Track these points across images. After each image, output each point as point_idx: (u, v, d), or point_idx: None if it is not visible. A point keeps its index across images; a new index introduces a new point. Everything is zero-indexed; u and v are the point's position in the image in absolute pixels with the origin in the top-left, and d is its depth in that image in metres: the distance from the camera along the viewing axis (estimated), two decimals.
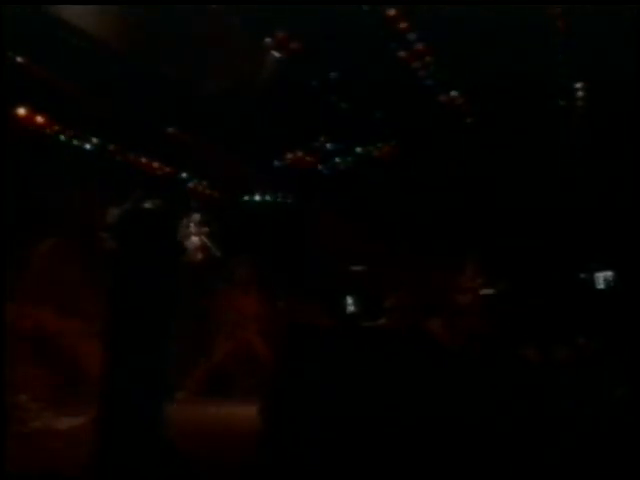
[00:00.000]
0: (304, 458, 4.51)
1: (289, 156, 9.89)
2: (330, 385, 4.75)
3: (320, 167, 10.19)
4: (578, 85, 8.34)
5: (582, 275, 9.22)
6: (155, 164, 9.04)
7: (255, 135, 8.74)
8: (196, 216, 8.22)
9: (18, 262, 7.74)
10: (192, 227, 8.14)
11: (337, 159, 10.14)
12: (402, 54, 7.57)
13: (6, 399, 5.35)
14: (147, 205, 5.78)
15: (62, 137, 7.97)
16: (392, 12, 6.90)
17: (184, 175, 9.46)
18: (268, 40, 7.48)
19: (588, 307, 8.28)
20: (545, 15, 6.78)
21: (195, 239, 8.13)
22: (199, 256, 8.15)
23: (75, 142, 8.11)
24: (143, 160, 8.92)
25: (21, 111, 7.43)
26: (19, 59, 6.94)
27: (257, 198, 10.41)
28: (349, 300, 9.53)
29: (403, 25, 7.09)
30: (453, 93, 8.54)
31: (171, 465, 4.17)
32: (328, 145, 9.87)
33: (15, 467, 4.18)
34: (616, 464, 4.28)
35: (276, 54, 7.64)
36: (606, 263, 9.06)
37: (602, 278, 9.19)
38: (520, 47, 7.07)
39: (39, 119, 7.62)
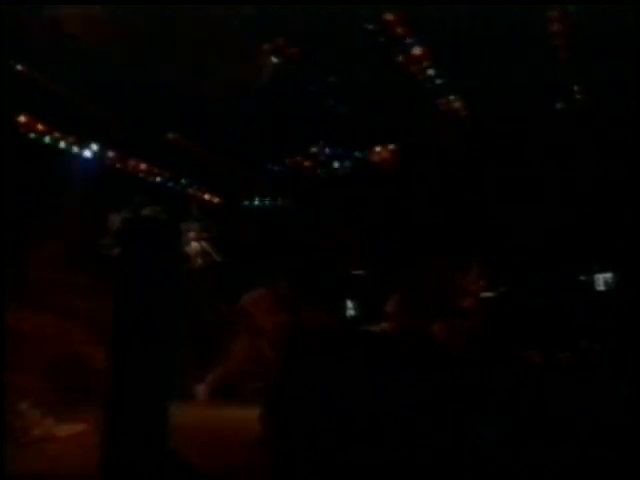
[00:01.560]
0: (306, 462, 4.50)
1: (288, 161, 9.91)
2: (332, 389, 4.75)
3: (319, 171, 10.21)
4: (577, 88, 8.35)
5: (582, 277, 9.21)
6: (155, 170, 9.05)
7: (254, 140, 8.75)
8: (196, 222, 8.22)
9: (19, 266, 7.75)
10: (192, 233, 8.14)
11: (336, 163, 10.16)
12: (400, 59, 7.58)
13: (6, 405, 5.35)
14: (147, 211, 5.79)
15: (62, 143, 7.98)
16: (390, 17, 6.92)
17: (184, 180, 9.46)
18: (267, 45, 7.49)
19: (589, 309, 8.27)
20: (544, 18, 6.79)
21: (195, 244, 8.14)
22: (199, 261, 8.15)
23: (75, 148, 8.12)
24: (143, 166, 8.93)
25: (22, 118, 7.45)
26: (19, 67, 6.96)
27: (257, 203, 10.42)
28: (350, 304, 9.52)
29: (401, 30, 7.11)
30: (451, 97, 8.56)
31: (173, 472, 4.17)
32: (327, 150, 9.89)
33: (15, 474, 4.17)
34: (619, 466, 4.28)
35: (274, 59, 7.65)
36: (606, 265, 9.06)
37: (602, 280, 9.18)
38: (519, 51, 7.09)
39: (39, 126, 7.64)
